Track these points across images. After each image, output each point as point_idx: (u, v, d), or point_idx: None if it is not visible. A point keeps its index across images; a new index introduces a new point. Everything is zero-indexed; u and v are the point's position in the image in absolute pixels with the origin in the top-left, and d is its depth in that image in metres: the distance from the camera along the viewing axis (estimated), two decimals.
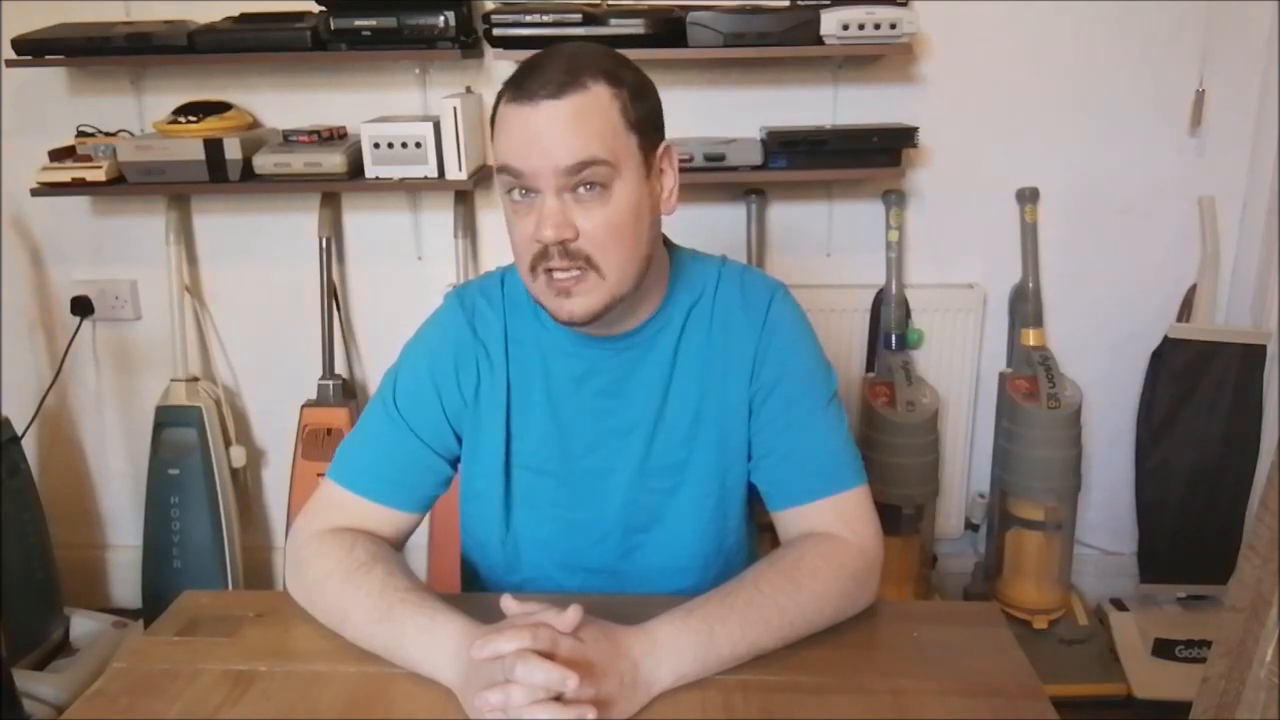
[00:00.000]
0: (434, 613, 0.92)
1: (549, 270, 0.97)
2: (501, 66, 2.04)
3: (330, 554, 1.01)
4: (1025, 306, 2.12)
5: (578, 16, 1.83)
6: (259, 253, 2.22)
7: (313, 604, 1.02)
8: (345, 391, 2.18)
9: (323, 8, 1.89)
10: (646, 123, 0.99)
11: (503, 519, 1.12)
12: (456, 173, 1.97)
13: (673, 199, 1.05)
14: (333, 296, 2.17)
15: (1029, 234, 2.09)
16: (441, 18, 1.86)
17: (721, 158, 1.92)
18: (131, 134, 2.11)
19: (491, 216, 2.17)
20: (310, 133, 2.00)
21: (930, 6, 1.97)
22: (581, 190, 0.95)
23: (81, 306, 2.23)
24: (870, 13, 1.82)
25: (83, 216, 2.22)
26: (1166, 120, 2.05)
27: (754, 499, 1.15)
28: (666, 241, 1.11)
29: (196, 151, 1.96)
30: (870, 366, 2.18)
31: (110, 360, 2.31)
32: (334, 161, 1.95)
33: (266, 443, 2.36)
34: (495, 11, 1.86)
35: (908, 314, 2.13)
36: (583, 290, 0.97)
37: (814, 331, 1.12)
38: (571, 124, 0.93)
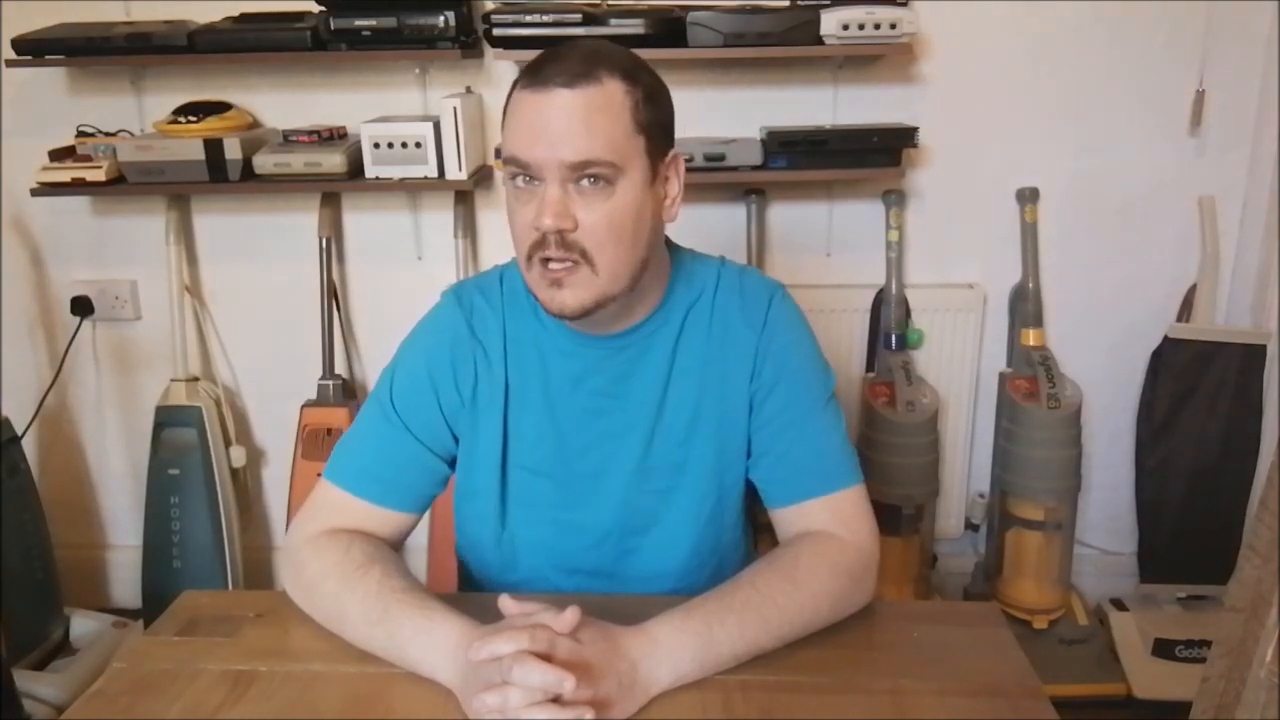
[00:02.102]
0: (432, 613, 0.92)
1: (545, 260, 0.97)
2: (501, 66, 2.04)
3: (327, 555, 1.01)
4: (1025, 306, 2.12)
5: (578, 16, 1.83)
6: (259, 253, 2.22)
7: (311, 605, 1.02)
8: (345, 391, 2.18)
9: (323, 8, 1.89)
10: (656, 127, 0.99)
11: (498, 518, 1.12)
12: (456, 173, 1.97)
13: (675, 207, 1.05)
14: (333, 296, 2.17)
15: (1029, 234, 2.09)
16: (441, 18, 1.86)
17: (721, 158, 1.92)
18: (131, 134, 2.11)
19: (491, 216, 2.17)
20: (310, 133, 2.00)
21: (930, 6, 1.97)
22: (585, 183, 0.95)
23: (81, 306, 2.23)
24: (870, 13, 1.82)
25: (83, 216, 2.22)
26: (1166, 120, 2.05)
27: (751, 499, 1.15)
28: (668, 242, 1.11)
29: (196, 151, 1.96)
30: (870, 366, 2.18)
31: (110, 360, 2.31)
32: (334, 161, 1.95)
33: (266, 443, 2.36)
34: (495, 11, 1.86)
35: (908, 314, 2.13)
36: (574, 283, 0.97)
37: (812, 332, 1.13)
38: (581, 118, 0.93)
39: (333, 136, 2.03)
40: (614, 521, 1.11)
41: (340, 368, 2.22)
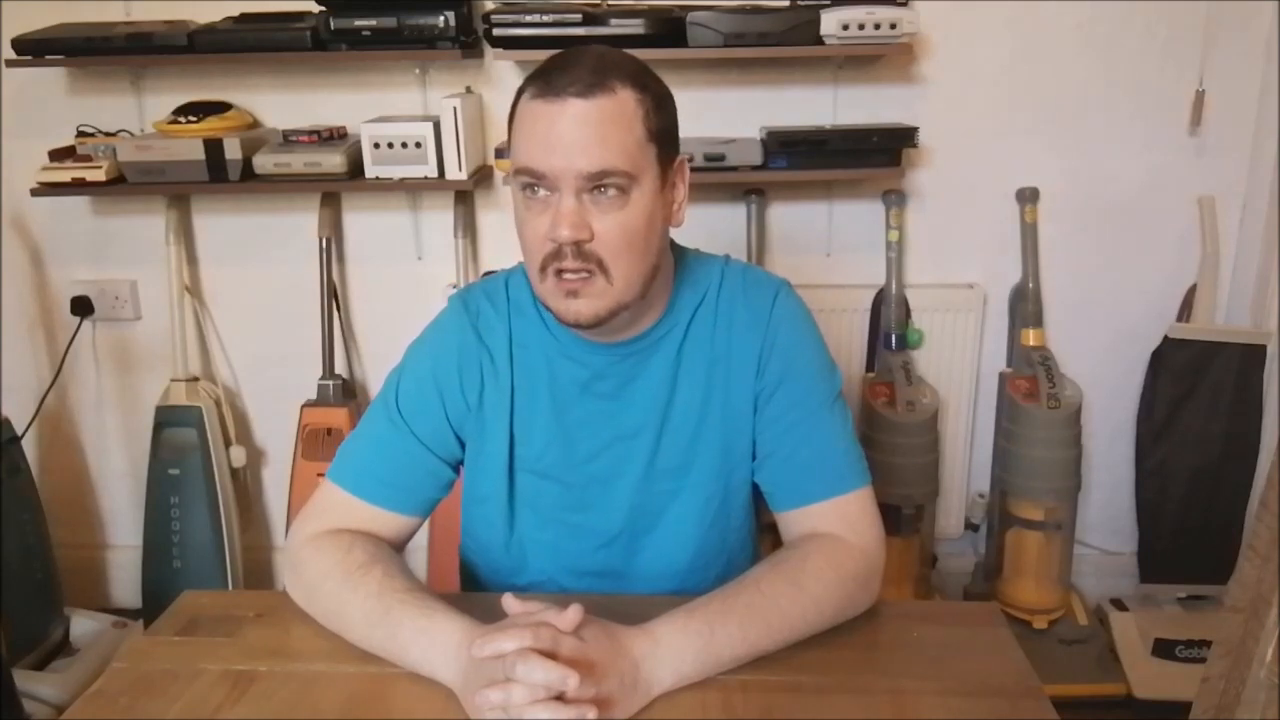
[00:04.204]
0: (433, 613, 0.92)
1: (559, 271, 0.96)
2: (501, 66, 2.04)
3: (328, 555, 1.01)
4: (1025, 306, 2.12)
5: (578, 16, 1.83)
6: (259, 253, 2.22)
7: (311, 605, 1.02)
8: (345, 391, 2.18)
9: (323, 8, 1.89)
10: (665, 134, 0.99)
11: (507, 522, 1.12)
12: (456, 173, 1.97)
13: (682, 211, 1.05)
14: (333, 296, 2.17)
15: (1029, 234, 2.09)
16: (441, 18, 1.86)
17: (721, 158, 1.92)
18: (131, 134, 2.11)
19: (491, 216, 2.17)
20: (310, 133, 2.00)
21: (930, 6, 1.97)
22: (600, 193, 0.95)
23: (81, 306, 2.23)
24: (870, 13, 1.82)
25: (83, 216, 2.22)
26: (1166, 120, 2.05)
27: (757, 499, 1.15)
28: (672, 244, 1.10)
29: (196, 151, 1.96)
30: (870, 366, 2.18)
31: (110, 360, 2.31)
32: (334, 161, 1.95)
33: (266, 443, 2.36)
34: (495, 11, 1.86)
35: (908, 314, 2.13)
36: (590, 293, 0.97)
37: (818, 330, 1.12)
38: (597, 129, 0.93)
39: (333, 136, 2.03)
40: (622, 523, 1.11)
41: (340, 368, 2.22)
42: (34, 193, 2.01)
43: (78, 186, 1.99)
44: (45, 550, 2.13)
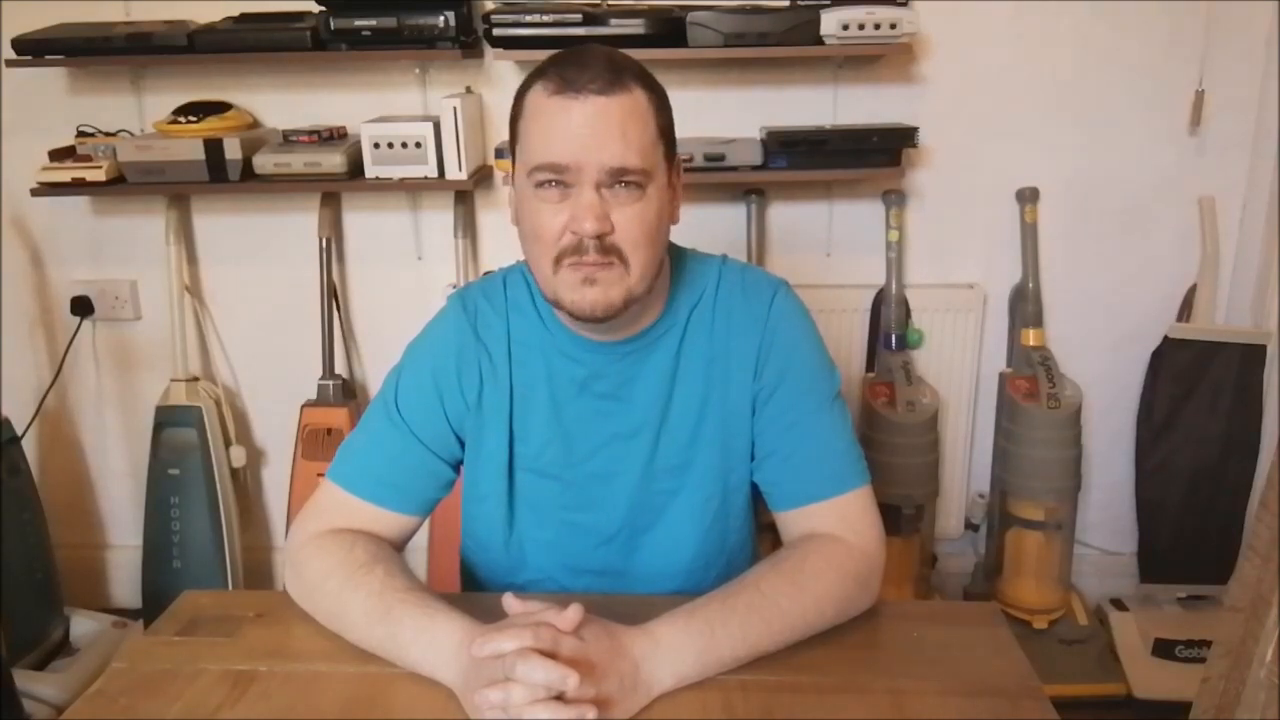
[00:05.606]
0: (434, 613, 0.92)
1: (576, 263, 0.96)
2: (501, 66, 2.04)
3: (330, 554, 1.01)
4: (1025, 306, 2.12)
5: (578, 16, 1.83)
6: (259, 253, 2.22)
7: (312, 605, 1.02)
8: (345, 391, 2.18)
9: (323, 8, 1.89)
10: (669, 133, 1.01)
11: (506, 521, 1.12)
12: (456, 173, 1.97)
13: (679, 209, 1.06)
14: (333, 296, 2.17)
15: (1029, 234, 2.09)
16: (441, 18, 1.86)
17: (721, 158, 1.92)
18: (131, 134, 2.11)
19: (491, 216, 2.17)
20: (310, 133, 2.00)
21: (930, 6, 1.97)
22: (619, 187, 0.96)
23: (81, 306, 2.23)
24: (870, 13, 1.82)
25: (83, 216, 2.22)
26: (1166, 120, 2.05)
27: (757, 498, 1.15)
28: (669, 244, 1.11)
29: (196, 151, 1.96)
30: (870, 366, 2.18)
31: (110, 360, 2.31)
32: (334, 161, 1.95)
33: (266, 443, 2.36)
34: (495, 11, 1.86)
35: (908, 314, 2.13)
36: (608, 280, 0.97)
37: (817, 329, 1.12)
38: (619, 125, 0.94)
39: (333, 136, 2.03)
40: (621, 521, 1.11)
41: (340, 368, 2.22)
42: (34, 193, 2.01)
43: (78, 186, 1.99)
44: (45, 550, 2.13)
